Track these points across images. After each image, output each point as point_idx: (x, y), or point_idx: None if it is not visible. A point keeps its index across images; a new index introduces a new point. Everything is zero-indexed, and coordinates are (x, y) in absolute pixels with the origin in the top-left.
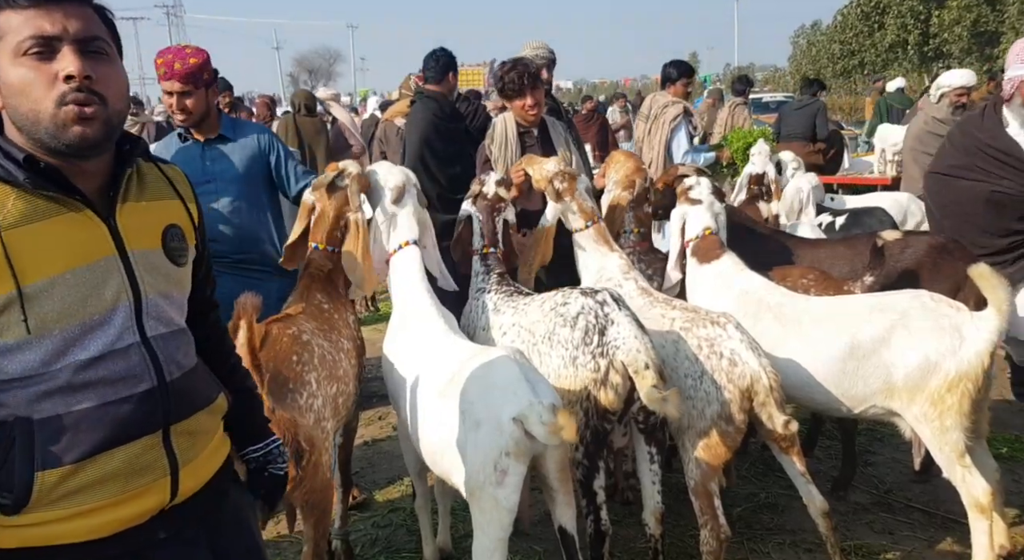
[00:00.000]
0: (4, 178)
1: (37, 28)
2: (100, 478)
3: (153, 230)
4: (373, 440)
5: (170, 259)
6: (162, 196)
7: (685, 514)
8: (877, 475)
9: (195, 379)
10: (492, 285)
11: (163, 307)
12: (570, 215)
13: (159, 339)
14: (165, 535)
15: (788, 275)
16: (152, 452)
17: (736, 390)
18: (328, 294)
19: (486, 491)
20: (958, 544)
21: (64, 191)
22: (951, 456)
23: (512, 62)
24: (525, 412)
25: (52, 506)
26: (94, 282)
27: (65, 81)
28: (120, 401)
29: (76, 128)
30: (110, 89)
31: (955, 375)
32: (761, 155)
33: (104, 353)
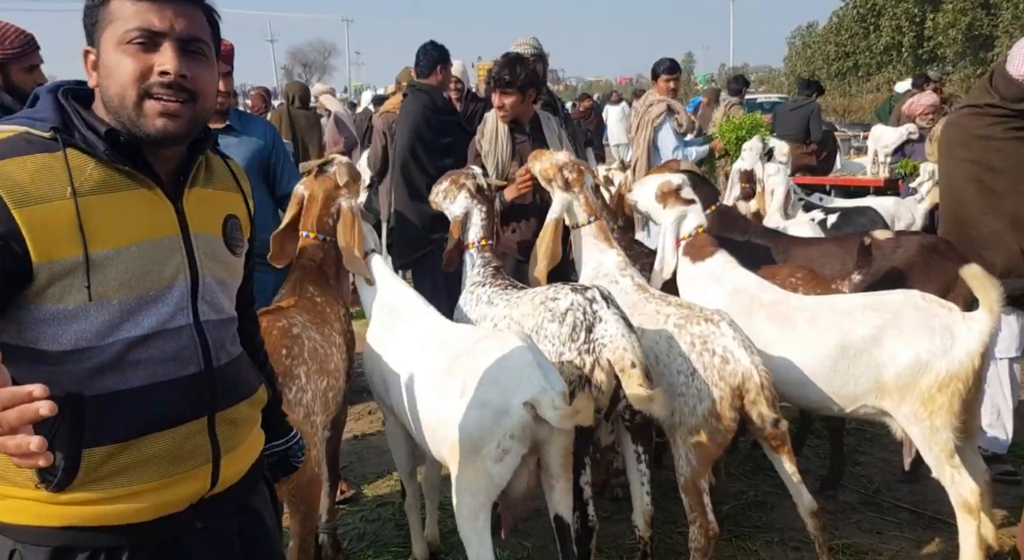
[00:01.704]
0: (85, 149)
1: (146, 21)
2: (145, 460)
3: (215, 217)
4: (363, 434)
5: (228, 247)
6: (226, 187)
7: (674, 511)
8: (866, 475)
9: (240, 368)
10: (487, 278)
11: (217, 292)
12: (575, 208)
13: (210, 324)
14: (202, 524)
15: (776, 274)
16: (197, 438)
17: (727, 388)
18: (320, 287)
19: (483, 463)
20: (946, 544)
21: (139, 168)
22: (940, 456)
23: (503, 58)
24: (538, 397)
25: (96, 485)
26: (156, 257)
27: (160, 75)
28: (168, 382)
29: (159, 121)
30: (202, 88)
31: (946, 375)
32: (752, 151)
33: (157, 330)
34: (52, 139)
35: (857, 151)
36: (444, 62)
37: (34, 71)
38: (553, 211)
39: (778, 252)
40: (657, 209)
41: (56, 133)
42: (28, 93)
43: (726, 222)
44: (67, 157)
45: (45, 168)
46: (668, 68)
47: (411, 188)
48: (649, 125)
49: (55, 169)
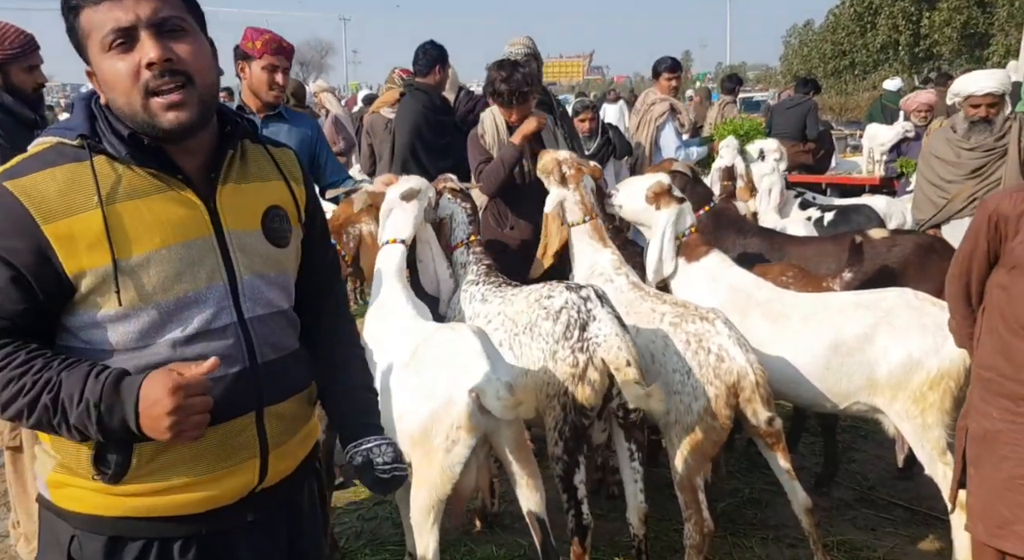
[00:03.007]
0: (110, 154)
1: (114, 20)
2: (194, 454)
3: (253, 212)
4: None
5: (270, 240)
6: (265, 177)
7: (669, 509)
8: (860, 472)
9: (291, 363)
10: (481, 276)
11: (261, 288)
12: (570, 205)
13: (256, 321)
14: (252, 518)
15: (768, 272)
16: (245, 433)
17: (723, 385)
18: None
19: (436, 456)
20: (939, 541)
21: (166, 170)
22: (932, 453)
23: (508, 71)
24: (482, 386)
25: (149, 478)
26: (189, 260)
27: (147, 68)
28: (215, 380)
29: (170, 115)
30: (194, 65)
31: (937, 373)
32: (728, 148)
33: (201, 331)
34: (80, 147)
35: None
36: (443, 62)
37: (34, 71)
38: (547, 206)
39: (773, 251)
40: (649, 210)
41: (84, 141)
42: (28, 93)
43: (721, 221)
44: (94, 165)
45: (74, 178)
46: (670, 66)
47: None
48: (652, 124)
49: (83, 178)
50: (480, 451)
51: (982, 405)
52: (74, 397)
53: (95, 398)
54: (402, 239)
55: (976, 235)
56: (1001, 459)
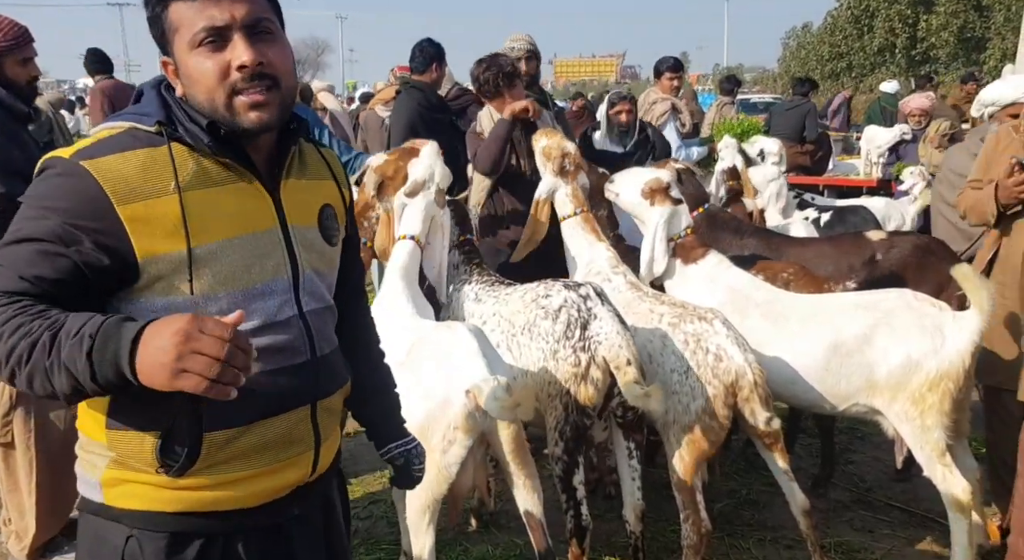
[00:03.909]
0: (189, 142)
1: (208, 19)
2: (260, 445)
3: (311, 208)
4: (355, 432)
5: (324, 238)
6: (320, 176)
7: (667, 509)
8: (858, 473)
9: (336, 358)
10: (473, 276)
11: (316, 283)
12: (562, 196)
13: (313, 314)
14: (299, 511)
15: (768, 269)
16: (303, 424)
17: (721, 385)
18: None
19: (432, 456)
20: (937, 543)
21: (240, 160)
22: (931, 455)
23: (487, 62)
24: (480, 386)
25: (214, 470)
26: (258, 251)
27: (239, 70)
28: (281, 371)
29: (252, 115)
30: (281, 69)
31: (936, 374)
32: (728, 148)
33: (267, 323)
34: (157, 133)
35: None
36: (440, 60)
37: (28, 64)
38: (539, 191)
39: (771, 252)
40: (643, 205)
41: (161, 127)
42: (22, 86)
43: (716, 223)
44: (172, 151)
45: (150, 162)
46: (672, 66)
47: None
48: (653, 123)
49: (160, 163)
50: (477, 451)
51: None
52: (72, 331)
53: (92, 329)
54: (412, 235)
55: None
56: None
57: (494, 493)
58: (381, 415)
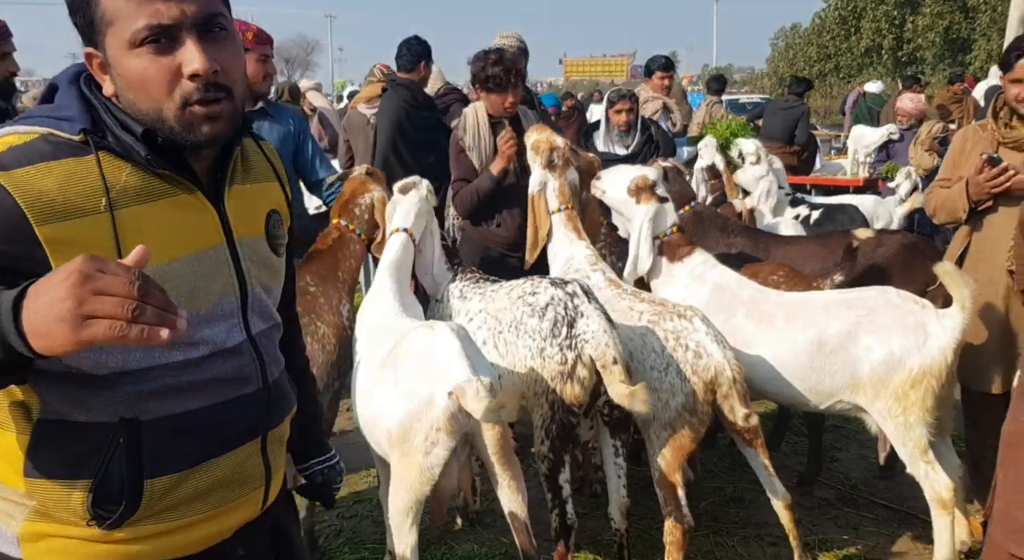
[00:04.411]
0: (120, 153)
1: (152, 15)
2: (207, 487)
3: (258, 216)
4: (341, 431)
5: (271, 248)
6: (265, 177)
7: (652, 507)
8: (843, 471)
9: (285, 379)
10: (457, 274)
11: (265, 301)
12: (549, 191)
13: (262, 336)
14: (244, 552)
15: (758, 272)
16: (253, 460)
17: (700, 382)
18: (321, 276)
19: (413, 457)
20: (920, 540)
21: (179, 171)
22: (914, 452)
23: (496, 55)
24: (463, 387)
25: (156, 519)
26: (203, 272)
27: (191, 79)
28: (229, 404)
29: (205, 128)
30: (235, 75)
31: (919, 371)
32: (707, 147)
33: (215, 351)
34: (83, 142)
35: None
36: (427, 58)
37: (6, 59)
38: (531, 187)
39: (758, 251)
40: (628, 202)
41: (87, 136)
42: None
43: (702, 221)
44: (100, 163)
45: (75, 176)
46: (663, 65)
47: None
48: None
49: (86, 177)
50: (461, 452)
51: (1015, 410)
52: None
53: None
54: (405, 227)
55: (1018, 242)
56: (1022, 463)
57: (479, 492)
58: (302, 427)
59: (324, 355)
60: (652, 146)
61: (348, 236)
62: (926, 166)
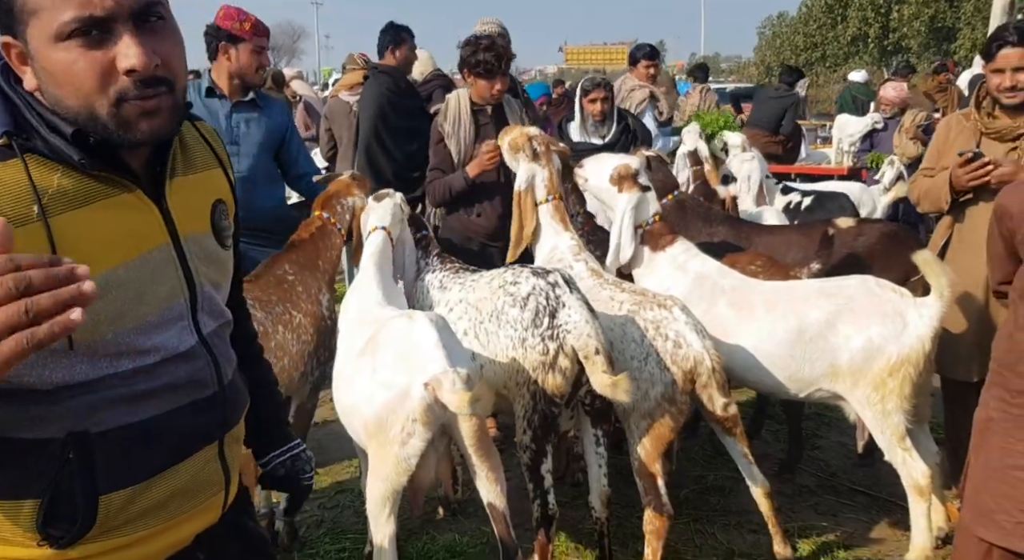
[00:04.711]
0: (49, 155)
1: (82, 6)
2: (166, 497)
3: (202, 209)
4: (324, 421)
5: (219, 242)
6: (207, 166)
7: (633, 496)
8: (823, 458)
9: (238, 377)
10: (434, 264)
11: (215, 299)
12: (537, 182)
13: (213, 336)
14: (204, 556)
15: (737, 261)
16: (211, 465)
17: (679, 372)
18: (300, 265)
19: (390, 448)
20: (898, 526)
21: (115, 170)
22: (892, 439)
23: (488, 41)
24: (439, 379)
25: (112, 534)
26: (149, 276)
27: (127, 75)
28: (184, 409)
29: (143, 126)
30: (176, 67)
31: (897, 359)
32: (690, 133)
33: (166, 357)
34: (6, 146)
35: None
36: (400, 42)
37: None
38: (517, 183)
39: (740, 240)
40: (610, 191)
41: (11, 139)
42: None
43: (685, 210)
44: (28, 169)
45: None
46: (648, 54)
47: (376, 173)
48: (632, 110)
49: (13, 184)
50: (439, 443)
51: (985, 395)
52: None
53: None
54: (383, 225)
55: (991, 232)
56: (992, 448)
57: (461, 481)
58: (256, 417)
59: (299, 345)
60: (629, 136)
61: (329, 228)
62: (910, 154)
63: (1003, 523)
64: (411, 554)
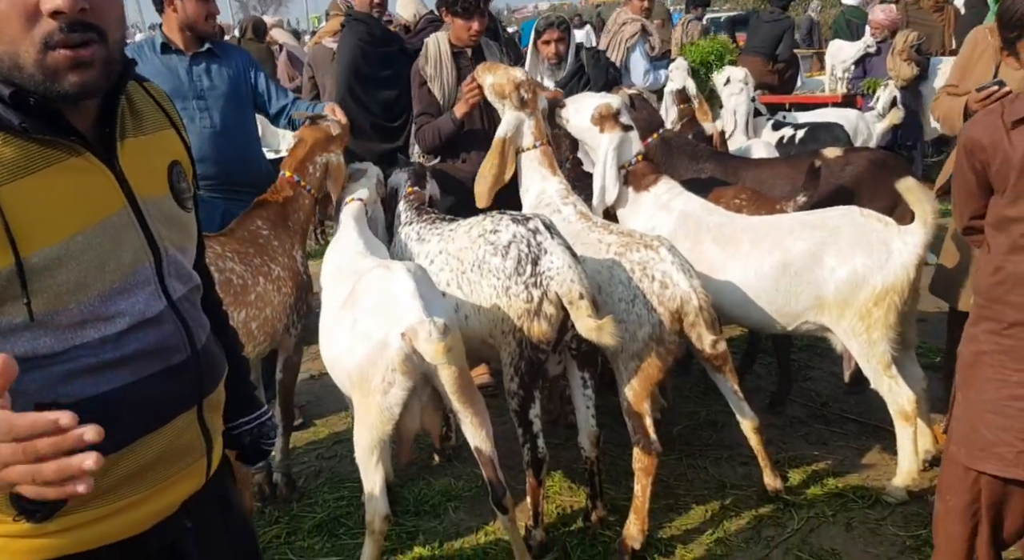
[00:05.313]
0: None
1: None
2: (144, 465)
3: (159, 171)
4: (319, 373)
5: (179, 205)
6: (159, 127)
7: (625, 435)
8: (815, 389)
9: (212, 342)
10: (412, 217)
11: (182, 263)
12: (524, 130)
13: (183, 300)
14: (191, 523)
15: (721, 196)
16: (190, 431)
17: (667, 312)
18: (272, 222)
19: (372, 398)
20: (886, 451)
21: (59, 132)
22: (878, 368)
23: None
24: (415, 328)
25: (92, 505)
26: (109, 242)
27: (52, 17)
28: (156, 376)
29: (71, 77)
30: (108, 17)
31: (882, 288)
32: (678, 70)
33: (134, 324)
34: None
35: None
36: None
37: None
38: (501, 130)
39: (728, 175)
40: (592, 132)
41: None
42: None
43: (671, 148)
44: None
45: None
46: None
47: (354, 127)
48: (622, 45)
49: None
50: (422, 391)
51: (971, 329)
52: None
53: None
54: (360, 198)
55: (959, 167)
56: (985, 381)
57: (455, 427)
58: (226, 381)
59: (280, 296)
60: (582, 79)
61: (299, 191)
62: (905, 76)
63: (1004, 454)
64: (408, 499)
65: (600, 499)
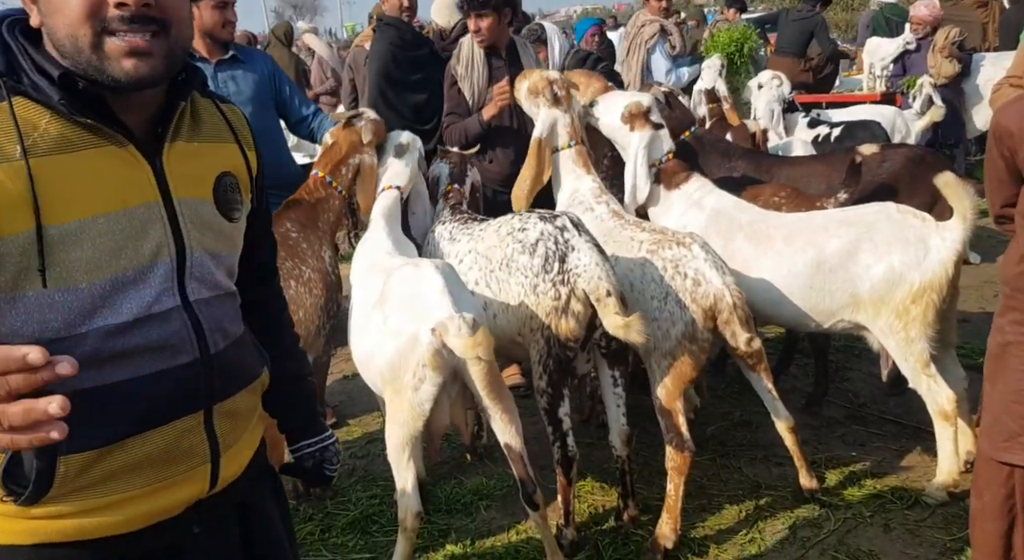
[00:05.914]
0: (37, 98)
1: None
2: (133, 464)
3: (205, 177)
4: (352, 374)
5: (222, 213)
6: (218, 138)
7: (658, 434)
8: (852, 389)
9: (242, 351)
10: (446, 216)
11: (209, 267)
12: (559, 129)
13: (203, 304)
14: (200, 528)
15: (759, 194)
16: (192, 436)
17: (700, 310)
18: (301, 223)
19: (403, 394)
20: (926, 453)
21: (104, 121)
22: (916, 366)
23: None
24: (445, 323)
25: (76, 496)
26: (131, 231)
27: (117, 7)
28: (157, 375)
29: (127, 63)
30: (175, 13)
31: (919, 286)
32: (709, 69)
33: (139, 317)
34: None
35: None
36: None
37: None
38: (537, 131)
39: (761, 173)
40: (622, 130)
41: (1, 81)
42: None
43: (703, 146)
44: (13, 109)
45: None
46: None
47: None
48: (642, 47)
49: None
50: (451, 388)
51: (999, 320)
52: None
53: None
54: (397, 185)
55: (990, 154)
56: (1011, 372)
57: (486, 426)
58: (289, 406)
59: (312, 298)
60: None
61: (330, 193)
62: (947, 73)
63: None
64: (440, 498)
65: (632, 498)
